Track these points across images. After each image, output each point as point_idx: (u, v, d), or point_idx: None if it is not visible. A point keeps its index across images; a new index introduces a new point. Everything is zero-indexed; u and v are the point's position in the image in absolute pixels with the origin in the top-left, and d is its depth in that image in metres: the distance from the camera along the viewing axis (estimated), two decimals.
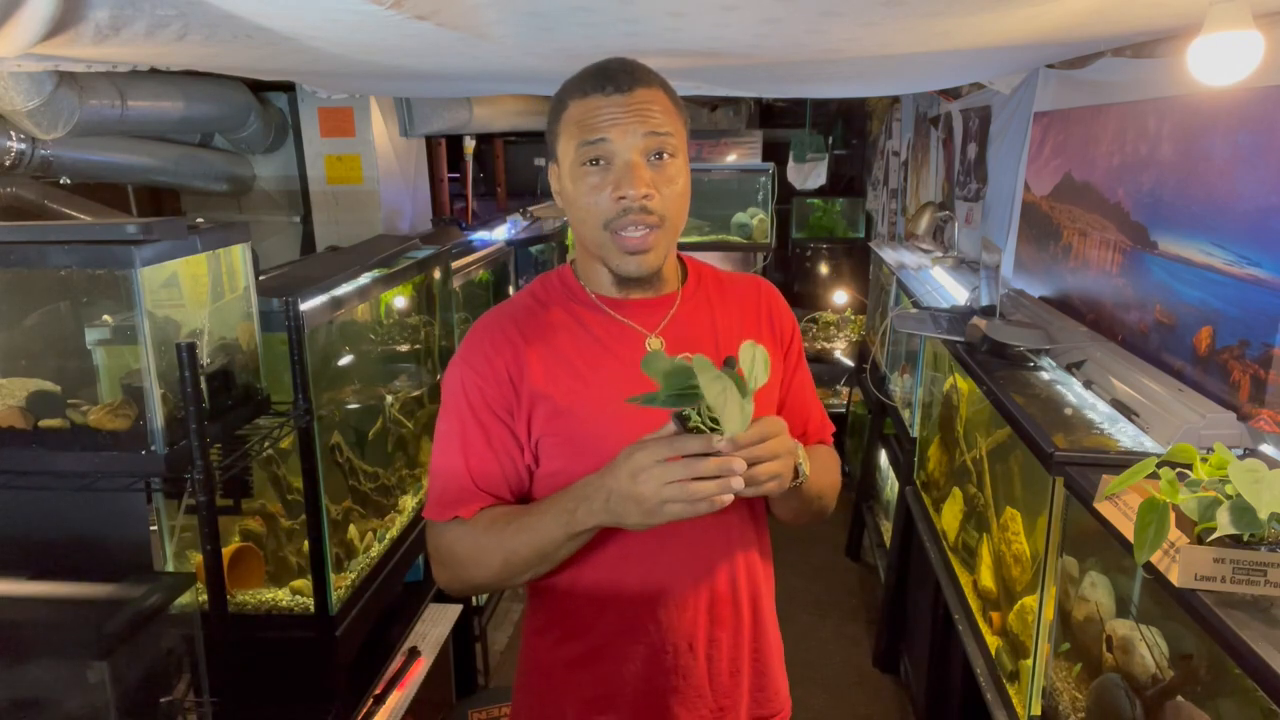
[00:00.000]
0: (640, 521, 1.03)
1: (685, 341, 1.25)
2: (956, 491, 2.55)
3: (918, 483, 3.04)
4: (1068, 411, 1.78)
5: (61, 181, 2.39)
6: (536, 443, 1.21)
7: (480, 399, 1.20)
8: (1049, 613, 1.70)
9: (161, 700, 1.46)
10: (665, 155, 1.16)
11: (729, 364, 1.10)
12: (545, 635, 1.30)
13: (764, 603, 1.34)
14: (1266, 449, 1.48)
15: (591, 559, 1.22)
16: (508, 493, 1.22)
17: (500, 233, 3.77)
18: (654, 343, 1.24)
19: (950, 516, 2.57)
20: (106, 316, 1.54)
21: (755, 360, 1.01)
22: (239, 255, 1.74)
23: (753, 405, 0.99)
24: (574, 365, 1.21)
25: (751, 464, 1.01)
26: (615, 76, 1.15)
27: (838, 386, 5.25)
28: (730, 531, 1.27)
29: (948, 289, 3.14)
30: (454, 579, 1.22)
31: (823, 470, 1.27)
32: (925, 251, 3.71)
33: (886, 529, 3.76)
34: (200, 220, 1.72)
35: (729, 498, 0.99)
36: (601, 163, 1.15)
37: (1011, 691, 1.84)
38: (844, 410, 5.02)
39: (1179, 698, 1.38)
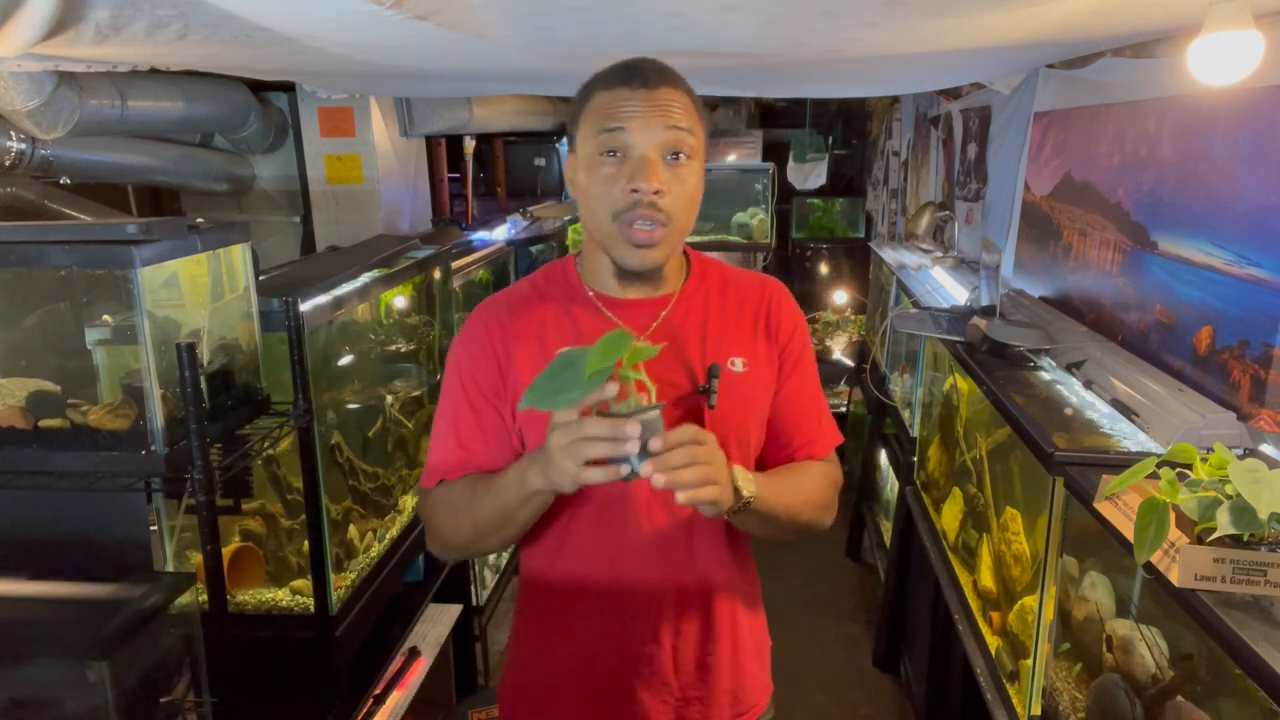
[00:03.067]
0: (560, 481, 1.05)
1: (672, 344, 1.26)
2: (956, 491, 2.55)
3: (918, 483, 3.04)
4: (1068, 411, 1.78)
5: (61, 181, 2.39)
6: (520, 428, 1.28)
7: (472, 380, 1.28)
8: (1049, 613, 1.70)
9: (161, 700, 1.46)
10: (681, 155, 1.19)
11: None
12: (526, 642, 1.40)
13: (742, 604, 1.36)
14: (1266, 449, 1.48)
15: (564, 556, 1.30)
16: (492, 467, 1.27)
17: (500, 233, 3.77)
18: (641, 345, 1.26)
19: (950, 516, 2.57)
20: (106, 316, 1.54)
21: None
22: (239, 255, 1.74)
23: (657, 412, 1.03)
24: None
25: (675, 467, 1.03)
26: (643, 72, 1.19)
27: (837, 386, 5.25)
28: (694, 531, 1.29)
29: (948, 289, 3.14)
30: (435, 541, 1.31)
31: (790, 490, 1.25)
32: (925, 251, 3.71)
33: (886, 529, 3.76)
34: (200, 220, 1.71)
35: (624, 468, 1.02)
36: (617, 154, 1.18)
37: (1011, 691, 1.84)
38: (844, 410, 5.03)
39: (1179, 698, 1.38)
